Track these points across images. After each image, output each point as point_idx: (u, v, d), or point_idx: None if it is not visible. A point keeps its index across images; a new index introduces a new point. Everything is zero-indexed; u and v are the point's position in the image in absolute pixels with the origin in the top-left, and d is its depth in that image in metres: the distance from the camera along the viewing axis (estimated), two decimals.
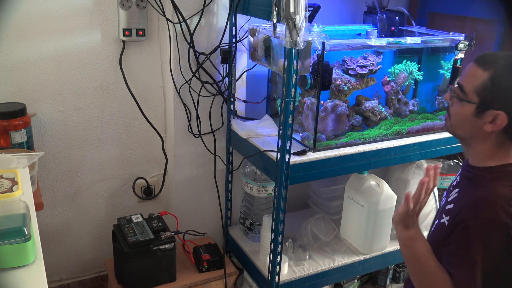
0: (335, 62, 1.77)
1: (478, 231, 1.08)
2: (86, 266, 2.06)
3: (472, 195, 1.14)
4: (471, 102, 1.13)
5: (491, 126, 1.12)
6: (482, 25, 2.02)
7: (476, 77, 1.12)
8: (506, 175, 1.14)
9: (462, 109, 1.16)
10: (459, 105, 1.17)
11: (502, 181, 1.13)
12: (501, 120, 1.10)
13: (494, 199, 1.09)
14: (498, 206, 1.07)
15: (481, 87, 1.11)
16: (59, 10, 1.68)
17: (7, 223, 0.91)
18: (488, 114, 1.12)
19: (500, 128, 1.11)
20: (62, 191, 1.91)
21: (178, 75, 1.83)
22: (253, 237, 2.02)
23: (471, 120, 1.15)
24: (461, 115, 1.17)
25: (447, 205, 1.22)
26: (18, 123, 1.56)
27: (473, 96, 1.13)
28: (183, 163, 1.98)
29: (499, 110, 1.10)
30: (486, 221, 1.07)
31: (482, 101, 1.12)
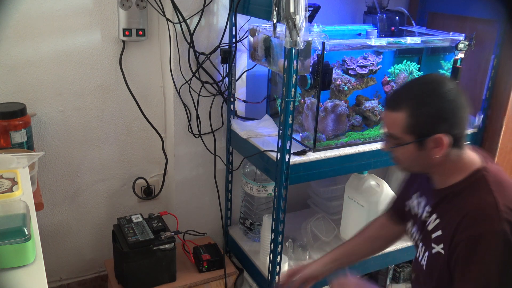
0: (335, 62, 1.77)
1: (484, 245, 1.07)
2: (86, 266, 2.06)
3: (460, 214, 1.13)
4: (407, 143, 1.15)
5: (438, 150, 1.14)
6: (482, 25, 2.02)
7: (397, 121, 1.15)
8: (478, 182, 1.15)
9: (405, 152, 1.18)
10: (400, 150, 1.19)
11: (477, 191, 1.13)
12: (441, 141, 1.12)
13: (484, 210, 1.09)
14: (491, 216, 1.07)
15: (407, 126, 1.13)
16: (59, 10, 1.68)
17: (7, 223, 0.91)
18: (429, 142, 1.13)
19: (448, 147, 1.13)
20: (62, 191, 1.91)
21: (178, 75, 1.83)
22: (253, 237, 2.02)
23: (419, 154, 1.16)
24: (408, 156, 1.18)
25: (433, 234, 1.20)
26: (18, 123, 1.56)
27: (406, 137, 1.15)
28: (183, 163, 1.98)
29: (435, 134, 1.12)
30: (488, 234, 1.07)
31: (416, 136, 1.14)
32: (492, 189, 1.11)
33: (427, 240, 1.23)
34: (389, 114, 1.17)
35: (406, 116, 1.13)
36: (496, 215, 1.07)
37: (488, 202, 1.09)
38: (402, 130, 1.14)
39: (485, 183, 1.13)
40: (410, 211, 1.35)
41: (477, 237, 1.07)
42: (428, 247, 1.22)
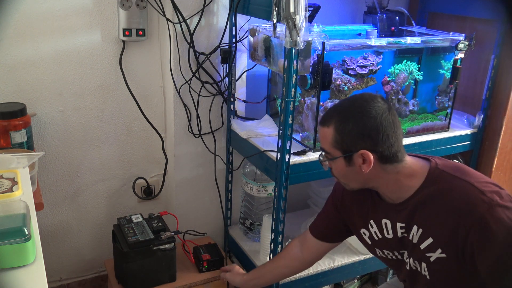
0: (335, 62, 1.76)
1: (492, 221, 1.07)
2: (86, 266, 2.06)
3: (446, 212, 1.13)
4: (336, 158, 1.19)
5: (366, 166, 1.17)
6: (482, 25, 2.02)
7: (326, 136, 1.20)
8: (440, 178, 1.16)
9: (337, 166, 1.22)
10: (333, 165, 1.23)
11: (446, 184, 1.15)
12: (367, 157, 1.15)
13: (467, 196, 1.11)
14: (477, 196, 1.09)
15: (334, 141, 1.18)
16: (59, 10, 1.68)
17: (7, 223, 0.91)
18: (355, 158, 1.17)
19: (374, 163, 1.16)
20: (62, 191, 1.91)
21: (178, 75, 1.83)
22: (253, 237, 2.02)
23: (350, 170, 1.20)
24: (340, 171, 1.22)
25: (421, 245, 1.20)
26: (18, 123, 1.56)
27: (334, 151, 1.19)
28: (183, 163, 1.98)
29: (360, 150, 1.15)
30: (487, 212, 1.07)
31: (342, 151, 1.18)
32: (456, 176, 1.14)
33: (417, 254, 1.22)
34: (321, 129, 1.23)
35: (333, 132, 1.18)
36: (479, 194, 1.09)
37: (464, 188, 1.11)
38: (331, 145, 1.20)
39: (446, 174, 1.16)
40: (372, 238, 1.34)
41: (480, 220, 1.07)
42: (423, 258, 1.21)
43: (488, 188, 1.10)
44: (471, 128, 2.03)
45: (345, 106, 1.21)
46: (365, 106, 1.16)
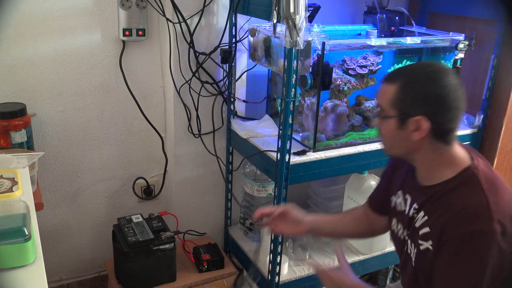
0: (335, 62, 1.77)
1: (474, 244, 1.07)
2: (86, 266, 2.06)
3: (450, 212, 1.12)
4: (390, 116, 1.16)
5: (417, 133, 1.14)
6: (482, 25, 2.02)
7: (387, 92, 1.16)
8: (469, 180, 1.14)
9: (387, 126, 1.19)
10: (384, 124, 1.20)
11: (469, 189, 1.13)
12: (423, 125, 1.12)
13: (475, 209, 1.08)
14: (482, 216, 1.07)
15: (394, 99, 1.15)
16: (59, 10, 1.68)
17: (7, 223, 0.91)
18: (410, 123, 1.13)
19: (427, 133, 1.13)
20: (62, 191, 1.91)
21: (178, 75, 1.83)
22: (253, 237, 2.02)
23: (398, 134, 1.17)
24: (389, 132, 1.19)
25: (420, 231, 1.20)
26: (18, 123, 1.56)
27: (390, 110, 1.16)
28: (183, 163, 1.98)
29: (418, 116, 1.12)
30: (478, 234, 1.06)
31: (400, 112, 1.15)
32: (483, 188, 1.10)
33: (414, 237, 1.23)
34: (384, 85, 1.19)
35: (396, 90, 1.14)
36: (487, 215, 1.06)
37: (479, 201, 1.09)
38: (389, 102, 1.16)
39: (476, 181, 1.12)
40: (395, 208, 1.34)
41: (466, 236, 1.07)
42: (416, 244, 1.22)
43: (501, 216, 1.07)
44: (471, 128, 2.03)
45: (416, 68, 1.19)
46: (438, 73, 1.13)
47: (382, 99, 1.19)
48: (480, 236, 1.06)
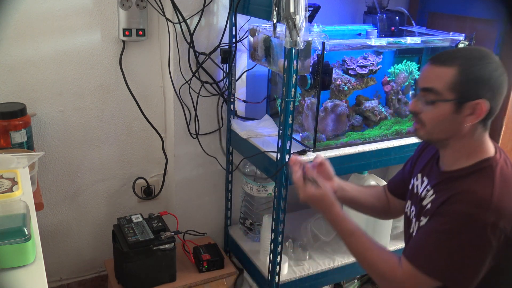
0: (335, 62, 1.77)
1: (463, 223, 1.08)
2: (86, 266, 2.06)
3: (451, 191, 1.14)
4: (448, 100, 1.12)
5: (473, 117, 1.12)
6: (482, 25, 2.02)
7: (444, 75, 1.12)
8: (484, 171, 1.14)
9: (439, 111, 1.14)
10: (434, 108, 1.15)
11: (479, 177, 1.13)
12: (480, 108, 1.10)
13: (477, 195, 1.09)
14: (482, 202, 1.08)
15: (453, 83, 1.11)
16: (59, 10, 1.68)
17: (7, 223, 0.91)
18: (466, 107, 1.11)
19: (481, 118, 1.12)
20: (62, 191, 1.91)
21: (178, 75, 1.83)
22: (253, 237, 2.02)
23: (451, 118, 1.13)
24: (440, 116, 1.15)
25: (424, 208, 1.22)
26: (18, 123, 1.56)
27: (448, 94, 1.12)
28: (183, 163, 1.98)
29: (478, 99, 1.09)
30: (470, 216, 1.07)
31: (458, 96, 1.11)
32: (495, 181, 1.10)
33: (419, 215, 1.25)
34: (435, 68, 1.13)
35: (456, 73, 1.10)
36: (486, 204, 1.07)
37: (484, 190, 1.09)
38: (447, 85, 1.11)
39: (491, 173, 1.12)
40: (412, 190, 1.34)
41: (459, 214, 1.08)
42: (418, 220, 1.24)
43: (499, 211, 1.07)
44: None
45: (469, 51, 1.16)
46: (491, 57, 1.11)
47: (436, 82, 1.12)
48: (471, 219, 1.07)
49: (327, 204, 1.27)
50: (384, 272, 1.18)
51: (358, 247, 1.22)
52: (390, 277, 1.16)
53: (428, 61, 1.17)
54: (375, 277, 1.23)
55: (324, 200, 1.27)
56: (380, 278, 1.20)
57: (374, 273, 1.21)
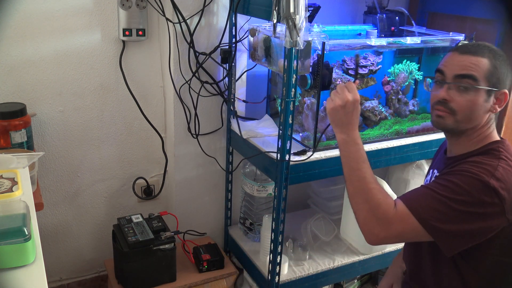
0: (335, 62, 1.77)
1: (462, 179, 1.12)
2: (86, 266, 2.06)
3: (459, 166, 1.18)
4: (483, 88, 1.18)
5: (498, 106, 1.20)
6: (482, 25, 2.01)
7: (480, 64, 1.18)
8: (491, 150, 1.19)
9: (474, 98, 1.19)
10: (468, 95, 1.19)
11: (485, 156, 1.18)
12: (504, 97, 1.19)
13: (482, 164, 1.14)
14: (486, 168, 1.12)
15: (488, 72, 1.18)
16: (59, 10, 1.68)
17: (7, 223, 0.91)
18: (495, 96, 1.20)
19: (503, 107, 1.21)
20: (62, 191, 1.91)
21: (178, 75, 1.83)
22: (253, 237, 2.02)
23: (482, 106, 1.20)
24: (473, 104, 1.19)
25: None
26: (18, 123, 1.56)
27: (484, 82, 1.18)
28: (183, 163, 1.98)
29: (503, 89, 1.19)
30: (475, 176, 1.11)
31: (491, 84, 1.19)
32: (501, 156, 1.16)
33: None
34: (470, 57, 1.19)
35: (489, 63, 1.18)
36: (491, 171, 1.11)
37: (490, 162, 1.14)
38: (484, 74, 1.18)
39: (496, 151, 1.18)
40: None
41: (465, 172, 1.13)
42: None
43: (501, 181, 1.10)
44: None
45: (488, 44, 1.23)
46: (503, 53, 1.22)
47: (475, 70, 1.19)
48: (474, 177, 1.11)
49: (355, 116, 1.28)
50: (378, 206, 1.17)
51: (366, 175, 1.22)
52: (381, 214, 1.16)
53: (456, 51, 1.23)
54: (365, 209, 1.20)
55: (355, 110, 1.29)
56: (371, 211, 1.18)
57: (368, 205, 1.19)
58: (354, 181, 1.23)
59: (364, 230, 1.20)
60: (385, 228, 1.16)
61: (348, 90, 1.29)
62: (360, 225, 1.21)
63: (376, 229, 1.17)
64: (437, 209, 1.12)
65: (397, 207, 1.16)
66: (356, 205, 1.22)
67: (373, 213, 1.17)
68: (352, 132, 1.27)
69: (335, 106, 1.29)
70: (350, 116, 1.28)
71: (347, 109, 1.28)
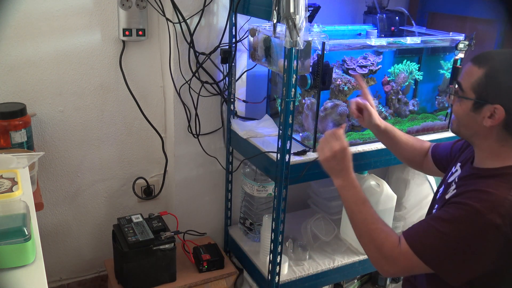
0: (335, 62, 1.77)
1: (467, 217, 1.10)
2: (86, 266, 2.06)
3: (469, 187, 1.17)
4: (468, 98, 1.18)
5: (490, 121, 1.16)
6: (482, 25, 2.02)
7: (472, 75, 1.17)
8: (505, 176, 1.15)
9: (462, 107, 1.21)
10: (459, 103, 1.22)
11: (499, 181, 1.14)
12: (498, 114, 1.13)
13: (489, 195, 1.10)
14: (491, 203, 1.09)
15: (477, 83, 1.16)
16: (59, 10, 1.68)
17: (7, 223, 0.91)
18: (486, 109, 1.15)
19: (499, 122, 1.15)
20: (62, 191, 1.91)
21: (178, 75, 1.83)
22: (253, 237, 2.02)
23: (470, 116, 1.19)
24: (461, 112, 1.22)
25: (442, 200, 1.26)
26: (18, 123, 1.56)
27: (470, 92, 1.18)
28: (183, 163, 1.98)
29: (496, 104, 1.13)
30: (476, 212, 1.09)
31: (478, 96, 1.16)
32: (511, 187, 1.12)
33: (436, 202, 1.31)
34: (470, 66, 1.19)
35: (482, 75, 1.15)
36: (497, 205, 1.08)
37: (499, 193, 1.10)
38: (471, 84, 1.17)
39: (509, 178, 1.14)
40: (447, 175, 1.37)
41: (467, 207, 1.10)
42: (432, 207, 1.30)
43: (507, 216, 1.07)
44: None
45: (506, 55, 1.19)
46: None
47: (464, 79, 1.20)
48: (477, 215, 1.08)
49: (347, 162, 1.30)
50: (382, 245, 1.19)
51: (367, 217, 1.23)
52: (387, 252, 1.18)
53: (471, 59, 1.23)
54: (372, 249, 1.22)
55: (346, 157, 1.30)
56: (377, 251, 1.20)
57: (373, 245, 1.21)
58: (357, 224, 1.26)
59: (376, 267, 1.24)
60: (393, 265, 1.18)
61: (336, 138, 1.30)
62: (371, 262, 1.25)
63: (385, 267, 1.21)
64: (438, 248, 1.12)
65: (401, 245, 1.17)
66: (363, 245, 1.26)
67: (379, 252, 1.20)
68: (347, 177, 1.30)
69: (325, 157, 1.31)
70: (342, 163, 1.30)
71: (337, 158, 1.30)
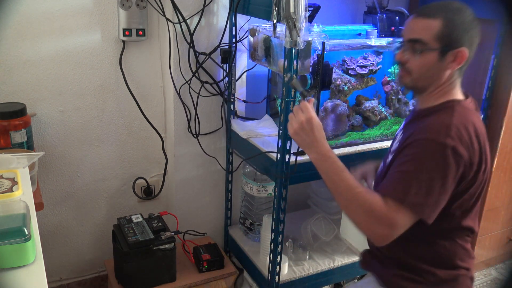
0: (335, 62, 1.77)
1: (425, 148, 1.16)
2: (86, 266, 2.06)
3: (416, 127, 1.22)
4: (434, 49, 1.21)
5: (455, 64, 1.22)
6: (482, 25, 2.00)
7: (430, 27, 1.20)
8: (445, 109, 1.23)
9: (425, 59, 1.23)
10: (421, 57, 1.23)
11: (441, 113, 1.22)
12: (462, 56, 1.20)
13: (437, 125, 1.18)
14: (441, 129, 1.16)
15: (440, 33, 1.20)
16: (59, 10, 1.68)
17: (7, 223, 0.91)
18: (449, 55, 1.21)
19: (461, 65, 1.22)
20: (62, 191, 1.91)
21: (178, 75, 1.83)
22: (253, 237, 2.02)
23: (436, 65, 1.23)
24: (426, 65, 1.23)
25: (393, 147, 1.31)
26: (18, 123, 1.56)
27: (434, 43, 1.21)
28: (183, 163, 1.98)
29: (459, 48, 1.20)
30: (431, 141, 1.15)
31: (443, 45, 1.20)
32: (454, 115, 1.20)
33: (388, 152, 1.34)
34: (421, 20, 1.22)
35: (441, 24, 1.19)
36: (445, 130, 1.15)
37: (444, 121, 1.18)
38: (433, 36, 1.20)
39: (451, 110, 1.22)
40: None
41: (421, 140, 1.17)
42: (386, 158, 1.32)
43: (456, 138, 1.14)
44: None
45: (449, 3, 1.24)
46: (467, 8, 1.23)
47: (422, 33, 1.22)
48: (432, 143, 1.15)
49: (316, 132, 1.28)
50: (372, 206, 1.17)
51: (349, 183, 1.22)
52: (378, 212, 1.16)
53: (413, 15, 1.26)
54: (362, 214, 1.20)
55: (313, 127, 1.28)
56: (368, 214, 1.18)
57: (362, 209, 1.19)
58: (342, 192, 1.23)
59: (370, 235, 1.21)
60: (388, 225, 1.16)
61: (302, 111, 1.29)
62: (364, 231, 1.22)
63: (379, 230, 1.17)
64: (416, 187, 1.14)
65: (387, 202, 1.17)
66: (352, 213, 1.23)
67: (370, 215, 1.17)
68: (320, 149, 1.28)
69: (294, 130, 1.30)
70: (312, 134, 1.28)
71: (305, 129, 1.28)
